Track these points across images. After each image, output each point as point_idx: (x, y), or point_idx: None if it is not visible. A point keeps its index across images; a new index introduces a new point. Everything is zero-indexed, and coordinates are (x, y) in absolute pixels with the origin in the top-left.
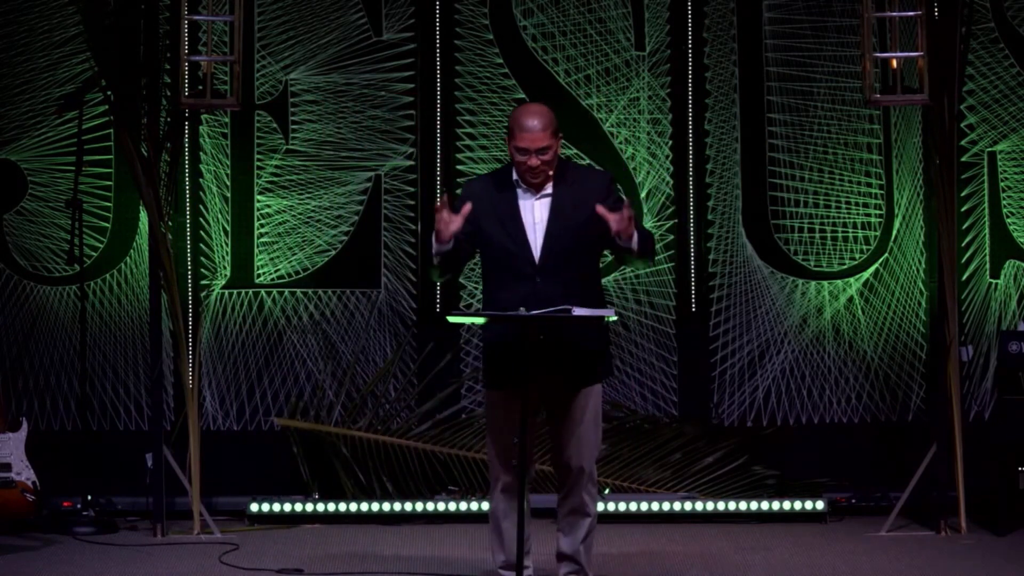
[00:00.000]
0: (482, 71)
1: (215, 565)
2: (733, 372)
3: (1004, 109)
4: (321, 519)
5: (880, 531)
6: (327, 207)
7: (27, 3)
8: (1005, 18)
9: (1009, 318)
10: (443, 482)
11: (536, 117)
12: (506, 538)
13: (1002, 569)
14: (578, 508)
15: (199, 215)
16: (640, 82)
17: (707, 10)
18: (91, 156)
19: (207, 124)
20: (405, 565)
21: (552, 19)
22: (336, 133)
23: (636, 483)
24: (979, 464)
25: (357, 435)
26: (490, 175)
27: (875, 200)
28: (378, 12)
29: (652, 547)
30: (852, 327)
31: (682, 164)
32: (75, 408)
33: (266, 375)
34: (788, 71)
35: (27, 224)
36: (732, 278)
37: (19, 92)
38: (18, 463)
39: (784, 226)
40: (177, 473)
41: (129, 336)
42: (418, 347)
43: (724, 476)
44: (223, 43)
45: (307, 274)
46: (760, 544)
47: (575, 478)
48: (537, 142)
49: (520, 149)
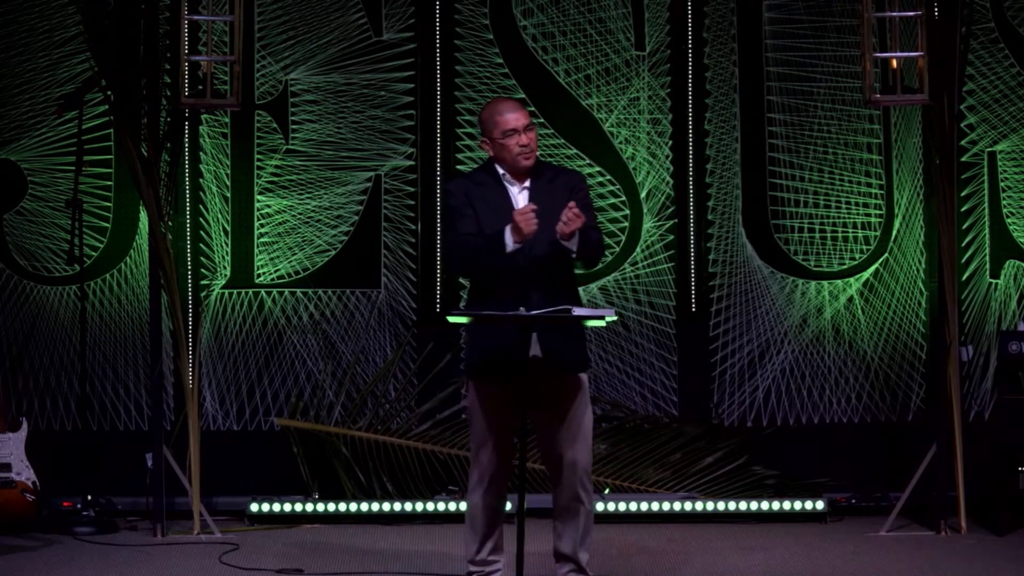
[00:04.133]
0: (482, 71)
1: (215, 565)
2: (733, 372)
3: (1004, 109)
4: (321, 519)
5: (880, 531)
6: (327, 207)
7: (27, 3)
8: (1005, 18)
9: (1009, 318)
10: (443, 482)
11: (509, 102)
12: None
13: (1002, 569)
14: (573, 503)
15: (199, 215)
16: (640, 82)
17: (707, 10)
18: (91, 156)
19: (207, 124)
20: (405, 565)
21: (552, 19)
22: (336, 133)
23: (636, 483)
24: (979, 464)
25: (357, 435)
26: (470, 175)
27: (875, 200)
28: (378, 12)
29: (652, 547)
30: (852, 327)
31: (682, 164)
32: (75, 408)
33: (266, 375)
34: (788, 71)
35: (27, 224)
36: (732, 278)
37: (19, 92)
38: (18, 463)
39: (784, 226)
40: (177, 473)
41: (129, 336)
42: (418, 347)
43: (724, 476)
44: (223, 43)
45: (307, 274)
46: (760, 544)
47: (568, 470)
48: (523, 119)
49: (509, 131)
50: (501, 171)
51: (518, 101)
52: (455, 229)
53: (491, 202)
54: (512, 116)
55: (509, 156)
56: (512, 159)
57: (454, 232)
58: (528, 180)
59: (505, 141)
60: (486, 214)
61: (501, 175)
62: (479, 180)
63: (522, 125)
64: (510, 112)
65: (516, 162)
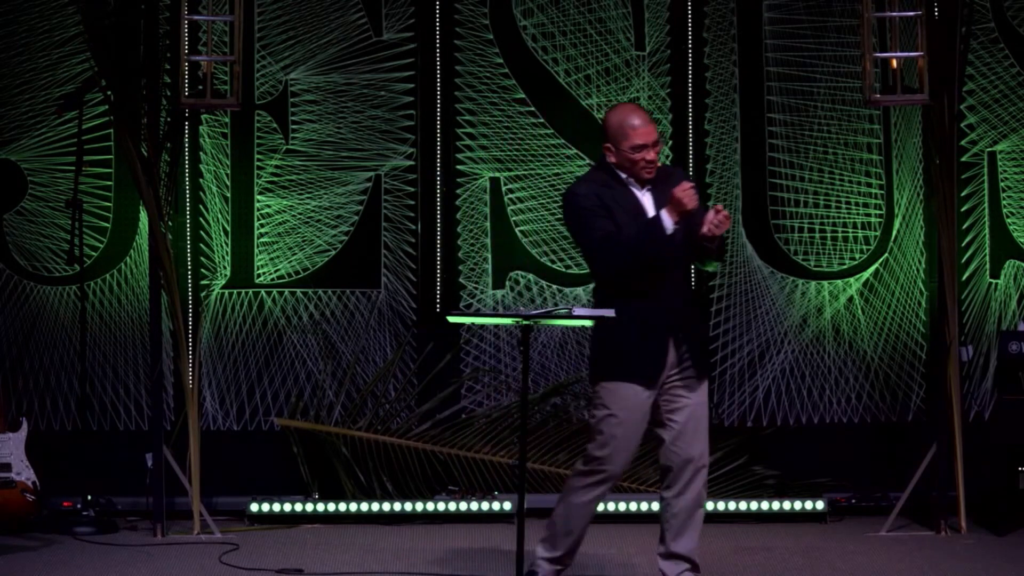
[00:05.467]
0: (482, 71)
1: (215, 565)
2: (733, 372)
3: (1004, 109)
4: (321, 519)
5: (880, 531)
6: (327, 207)
7: (27, 3)
8: (1005, 18)
9: (1009, 318)
10: (443, 482)
11: (640, 113)
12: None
13: (1002, 569)
14: (698, 502)
15: (199, 215)
16: (640, 82)
17: (707, 10)
18: (91, 156)
19: (207, 124)
20: (405, 565)
21: (552, 19)
22: (336, 133)
23: (636, 483)
24: (979, 464)
25: (357, 435)
26: (591, 178)
27: (875, 200)
28: (378, 12)
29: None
30: (852, 327)
31: (682, 164)
32: (75, 408)
33: (266, 375)
34: (788, 71)
35: (27, 224)
36: (732, 278)
37: (19, 92)
38: (18, 463)
39: (784, 226)
40: (177, 473)
41: (129, 336)
42: (418, 347)
43: (724, 476)
44: (223, 43)
45: (307, 274)
46: (760, 544)
47: (696, 470)
48: (652, 134)
49: (637, 146)
50: (623, 175)
51: (646, 112)
52: (597, 228)
53: (622, 203)
54: (643, 131)
55: (633, 168)
56: (635, 172)
57: (598, 231)
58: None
59: (632, 155)
60: (620, 215)
61: (624, 179)
62: (604, 183)
63: (651, 141)
64: (641, 127)
65: (639, 175)
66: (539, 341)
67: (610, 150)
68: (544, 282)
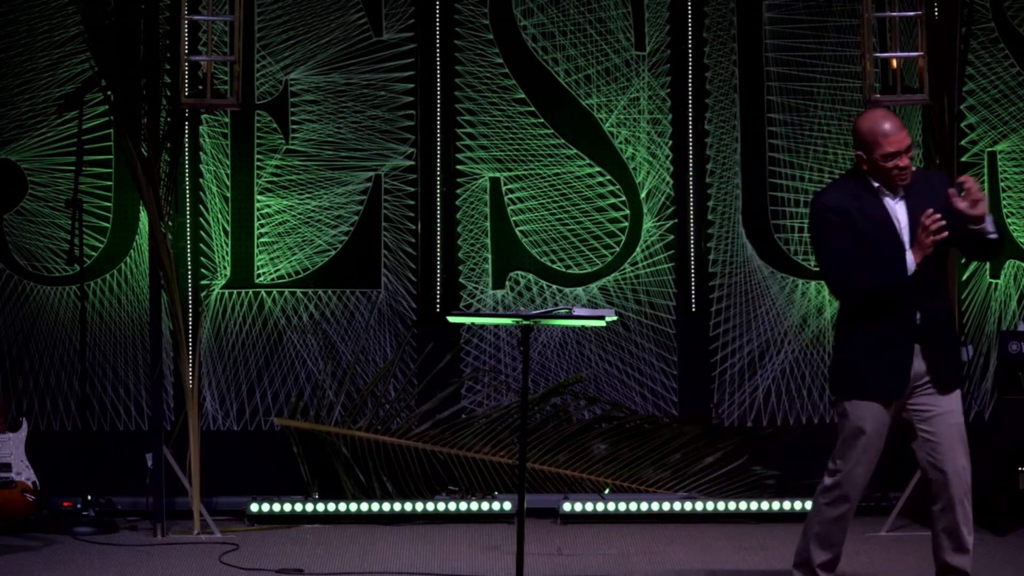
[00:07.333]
0: (482, 71)
1: (215, 565)
2: (733, 372)
3: (1004, 109)
4: (321, 519)
5: (880, 531)
6: (327, 207)
7: (27, 3)
8: (1005, 18)
9: (1009, 318)
10: (443, 482)
11: (892, 120)
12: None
13: (1002, 569)
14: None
15: (199, 215)
16: (640, 82)
17: (707, 10)
18: (91, 156)
19: (207, 124)
20: (405, 565)
21: (552, 19)
22: (336, 133)
23: (636, 483)
24: (979, 464)
25: (357, 435)
26: (841, 185)
27: None
28: (378, 12)
29: (652, 547)
30: None
31: (682, 164)
32: (75, 408)
33: (266, 375)
34: (788, 71)
35: (27, 224)
36: (732, 278)
37: (19, 92)
38: (18, 463)
39: (784, 226)
40: (177, 473)
41: (129, 336)
42: (418, 347)
43: (724, 476)
44: (223, 43)
45: (307, 274)
46: (760, 544)
47: (966, 483)
48: (904, 141)
49: (890, 154)
50: (875, 184)
51: (894, 115)
52: (834, 251)
53: (868, 214)
54: (896, 139)
55: (885, 177)
56: (888, 180)
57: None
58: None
59: (884, 164)
60: (864, 226)
61: (876, 187)
62: (853, 192)
63: (904, 148)
64: (893, 134)
65: (891, 183)
66: (539, 341)
67: (862, 158)
68: (544, 282)
